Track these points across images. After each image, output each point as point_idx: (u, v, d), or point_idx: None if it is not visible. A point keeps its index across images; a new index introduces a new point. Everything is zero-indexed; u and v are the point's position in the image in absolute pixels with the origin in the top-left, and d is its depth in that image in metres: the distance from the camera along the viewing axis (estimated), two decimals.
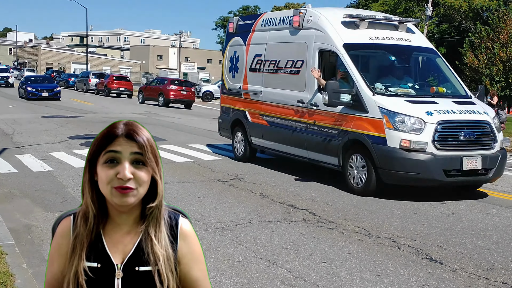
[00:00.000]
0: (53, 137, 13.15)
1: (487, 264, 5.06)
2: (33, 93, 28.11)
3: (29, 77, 31.74)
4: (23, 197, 7.18)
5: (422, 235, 5.94)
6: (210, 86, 43.20)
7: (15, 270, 4.25)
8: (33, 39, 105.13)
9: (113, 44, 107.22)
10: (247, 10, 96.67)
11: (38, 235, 5.55)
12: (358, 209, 7.03)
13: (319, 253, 5.16)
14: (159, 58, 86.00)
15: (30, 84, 29.05)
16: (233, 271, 4.61)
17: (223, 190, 7.92)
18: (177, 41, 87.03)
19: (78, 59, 74.40)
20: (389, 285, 4.43)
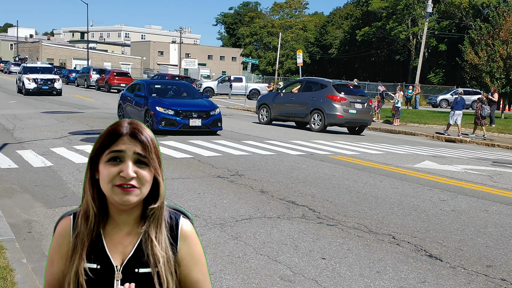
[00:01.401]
0: (54, 133, 13.15)
1: (486, 261, 5.07)
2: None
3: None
4: (24, 193, 7.19)
5: (422, 231, 5.95)
6: (211, 82, 43.19)
7: (15, 265, 4.26)
8: (34, 34, 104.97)
9: (114, 40, 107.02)
10: (248, 6, 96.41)
11: (38, 230, 5.56)
12: (358, 206, 7.03)
13: (319, 250, 5.16)
14: (159, 54, 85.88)
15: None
16: (233, 267, 4.62)
17: (223, 186, 7.93)
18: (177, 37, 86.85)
19: (79, 54, 74.34)
20: (389, 282, 4.43)
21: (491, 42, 27.37)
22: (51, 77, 29.40)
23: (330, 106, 17.49)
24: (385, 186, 8.43)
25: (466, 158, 12.92)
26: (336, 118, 17.53)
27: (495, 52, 26.87)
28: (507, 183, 9.37)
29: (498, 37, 27.19)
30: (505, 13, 27.62)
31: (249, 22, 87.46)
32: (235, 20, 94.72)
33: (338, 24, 76.05)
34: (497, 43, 27.01)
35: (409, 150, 13.71)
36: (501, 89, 26.59)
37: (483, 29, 28.39)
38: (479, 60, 27.44)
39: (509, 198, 8.06)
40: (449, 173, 10.10)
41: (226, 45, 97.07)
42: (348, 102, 17.58)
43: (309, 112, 18.02)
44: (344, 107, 17.47)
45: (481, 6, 54.66)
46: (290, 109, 18.89)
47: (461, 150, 15.26)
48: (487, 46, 27.47)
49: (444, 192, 8.17)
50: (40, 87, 28.22)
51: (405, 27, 61.47)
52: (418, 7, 59.89)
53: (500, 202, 7.69)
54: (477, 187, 8.79)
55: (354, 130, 18.72)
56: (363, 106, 17.98)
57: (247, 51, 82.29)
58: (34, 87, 28.16)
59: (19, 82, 30.08)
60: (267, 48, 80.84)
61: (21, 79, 29.27)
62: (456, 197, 7.86)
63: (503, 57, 26.76)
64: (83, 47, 77.67)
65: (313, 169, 9.65)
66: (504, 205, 7.51)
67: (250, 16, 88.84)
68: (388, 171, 9.99)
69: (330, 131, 18.22)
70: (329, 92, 17.74)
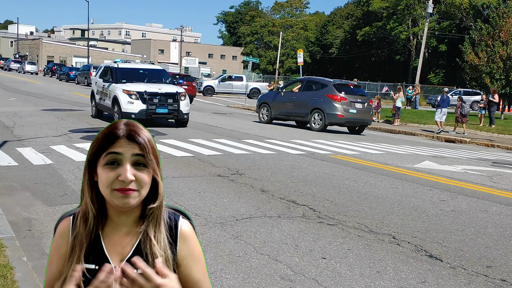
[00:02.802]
0: (54, 130, 13.14)
1: (486, 262, 5.07)
2: None
3: None
4: (24, 190, 7.18)
5: (422, 232, 5.95)
6: (211, 81, 43.19)
7: (15, 263, 4.25)
8: (34, 32, 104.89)
9: (114, 37, 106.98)
10: (249, 5, 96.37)
11: (38, 228, 5.56)
12: (358, 205, 7.04)
13: (319, 249, 5.16)
14: (160, 52, 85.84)
15: None
16: (233, 266, 4.62)
17: (224, 185, 7.93)
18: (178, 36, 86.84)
19: (79, 52, 74.33)
20: (389, 282, 4.43)
21: (491, 43, 27.39)
22: (171, 90, 15.46)
23: (330, 106, 17.50)
24: (386, 186, 8.43)
25: (466, 158, 12.93)
26: (336, 118, 17.53)
27: (495, 53, 26.89)
28: (507, 184, 9.37)
29: (498, 38, 27.22)
30: (505, 14, 27.64)
31: (250, 21, 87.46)
32: (236, 19, 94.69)
33: (338, 24, 76.05)
34: (497, 44, 27.03)
35: (409, 150, 13.71)
36: (501, 90, 26.62)
37: (483, 30, 28.42)
38: (479, 61, 27.46)
39: (509, 199, 8.07)
40: (449, 173, 10.11)
41: (226, 44, 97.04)
42: (349, 102, 17.58)
43: (310, 112, 18.02)
44: (344, 107, 17.48)
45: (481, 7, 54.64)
46: (291, 108, 18.89)
47: (461, 150, 15.27)
48: (487, 47, 27.49)
49: (444, 192, 8.17)
50: (153, 111, 14.91)
51: (406, 27, 61.47)
52: (419, 8, 59.88)
53: (500, 203, 7.69)
54: (477, 188, 8.79)
55: (354, 130, 18.72)
56: (364, 106, 17.99)
57: (247, 50, 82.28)
58: (141, 111, 14.69)
59: (103, 97, 16.34)
60: (267, 47, 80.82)
61: (108, 92, 15.76)
62: (456, 198, 7.86)
63: (503, 58, 26.79)
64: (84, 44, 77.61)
65: (314, 169, 9.65)
66: (504, 206, 7.51)
67: (251, 15, 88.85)
68: (388, 171, 10.00)
69: (331, 131, 18.22)
70: (329, 91, 17.74)
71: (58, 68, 53.46)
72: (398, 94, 23.98)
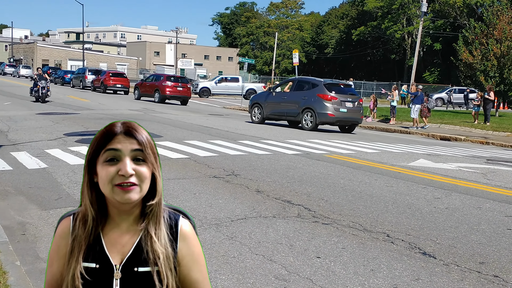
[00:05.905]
0: (49, 134, 13.11)
1: (479, 258, 5.10)
2: None
3: None
4: (18, 195, 7.17)
5: (416, 229, 5.97)
6: (207, 82, 43.19)
7: (9, 267, 4.24)
8: (29, 35, 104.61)
9: (109, 40, 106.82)
10: (244, 6, 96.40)
11: (33, 232, 5.55)
12: (353, 204, 7.06)
13: (314, 248, 5.18)
14: (156, 54, 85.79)
15: None
16: (228, 267, 4.63)
17: (219, 186, 7.93)
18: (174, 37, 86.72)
19: (74, 55, 74.14)
20: (383, 280, 4.45)
21: (485, 41, 27.49)
22: None
23: (321, 105, 17.58)
24: (380, 185, 8.46)
25: (461, 156, 12.98)
26: (327, 117, 17.61)
27: (489, 50, 26.98)
28: (501, 181, 9.42)
29: (492, 36, 27.31)
30: (498, 12, 27.75)
31: (246, 22, 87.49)
32: (232, 20, 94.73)
33: (334, 24, 76.18)
34: (491, 42, 27.13)
35: (404, 149, 13.76)
36: (495, 88, 26.70)
37: (477, 28, 28.52)
38: (473, 59, 27.56)
39: (502, 196, 8.11)
40: (443, 171, 10.14)
41: (222, 45, 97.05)
42: (339, 101, 17.67)
43: (301, 111, 18.10)
44: (335, 106, 17.57)
45: (475, 5, 54.85)
46: (282, 108, 18.96)
47: (455, 148, 15.32)
48: (481, 45, 27.59)
49: (438, 190, 8.21)
50: None
51: (400, 26, 61.64)
52: (413, 7, 60.05)
53: (493, 200, 7.73)
54: (471, 185, 8.83)
55: (345, 129, 18.81)
56: (354, 105, 18.08)
57: (243, 51, 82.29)
58: None
59: None
60: (263, 48, 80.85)
61: None
62: (450, 195, 7.89)
63: (497, 56, 26.88)
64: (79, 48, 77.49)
65: (309, 168, 9.67)
66: (497, 203, 7.55)
67: (246, 16, 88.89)
68: (383, 169, 10.03)
69: (322, 130, 18.26)
70: (320, 91, 17.82)
71: (53, 71, 53.30)
72: (393, 93, 24.07)
